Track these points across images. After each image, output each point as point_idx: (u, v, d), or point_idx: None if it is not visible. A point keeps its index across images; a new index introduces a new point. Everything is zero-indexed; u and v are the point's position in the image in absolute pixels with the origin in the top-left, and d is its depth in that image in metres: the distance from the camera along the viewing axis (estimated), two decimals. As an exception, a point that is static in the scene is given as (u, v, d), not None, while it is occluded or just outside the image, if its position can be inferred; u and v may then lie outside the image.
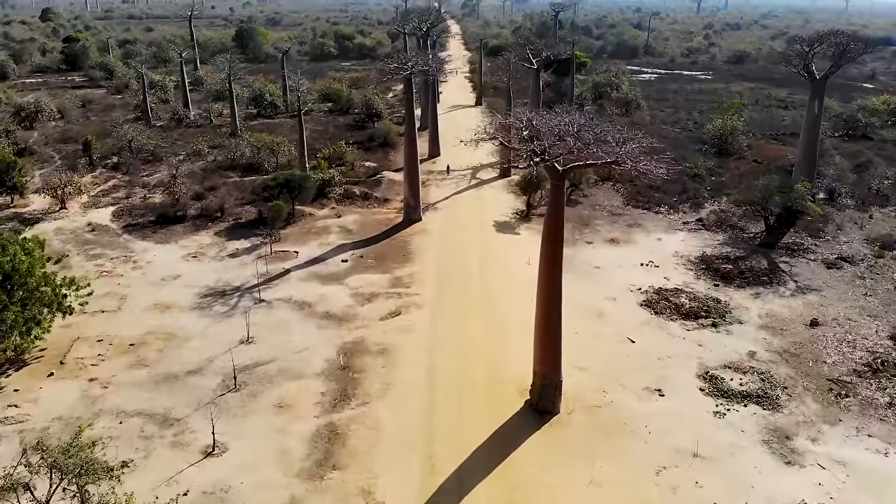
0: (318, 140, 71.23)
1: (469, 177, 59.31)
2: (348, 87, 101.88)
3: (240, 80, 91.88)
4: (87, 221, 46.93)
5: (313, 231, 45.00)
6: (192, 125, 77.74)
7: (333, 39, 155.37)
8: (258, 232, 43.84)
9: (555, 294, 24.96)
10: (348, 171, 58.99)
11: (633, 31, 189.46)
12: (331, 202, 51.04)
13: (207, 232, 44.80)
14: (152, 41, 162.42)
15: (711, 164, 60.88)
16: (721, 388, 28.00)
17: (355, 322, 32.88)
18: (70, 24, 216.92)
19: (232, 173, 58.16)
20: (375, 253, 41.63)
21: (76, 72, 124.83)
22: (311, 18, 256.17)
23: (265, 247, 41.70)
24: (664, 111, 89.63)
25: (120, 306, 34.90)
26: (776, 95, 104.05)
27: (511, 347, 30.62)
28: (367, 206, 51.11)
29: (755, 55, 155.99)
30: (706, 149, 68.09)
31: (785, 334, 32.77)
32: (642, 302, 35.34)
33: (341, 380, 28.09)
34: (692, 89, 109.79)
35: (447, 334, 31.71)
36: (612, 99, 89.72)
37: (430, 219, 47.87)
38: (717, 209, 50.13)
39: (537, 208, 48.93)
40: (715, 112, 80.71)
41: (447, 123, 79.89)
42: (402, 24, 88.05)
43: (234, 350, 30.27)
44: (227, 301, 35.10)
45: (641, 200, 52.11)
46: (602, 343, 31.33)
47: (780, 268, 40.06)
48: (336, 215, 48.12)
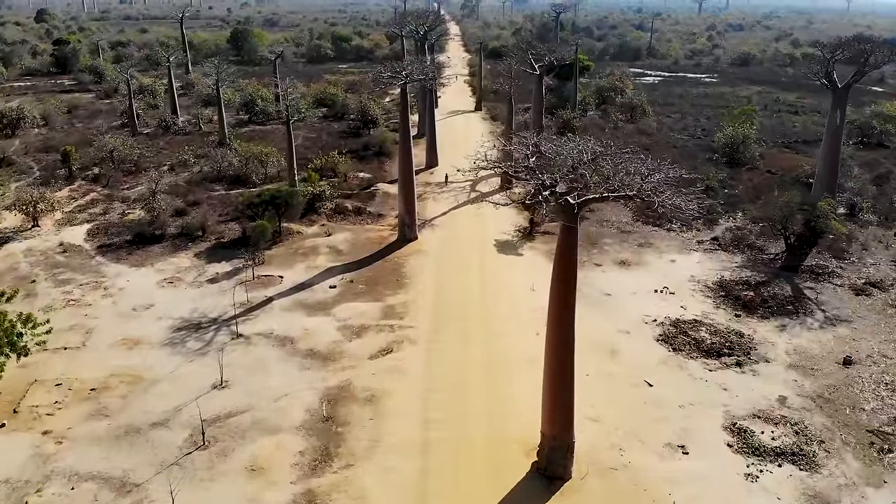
0: (310, 149, 68.15)
1: (468, 189, 56.20)
2: (344, 91, 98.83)
3: (232, 84, 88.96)
4: (59, 241, 43.77)
5: (301, 252, 41.84)
6: (180, 132, 74.60)
7: (330, 41, 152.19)
8: (241, 254, 40.65)
9: (566, 345, 21.83)
10: (341, 184, 55.87)
11: (635, 32, 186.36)
12: (321, 218, 47.90)
13: (187, 253, 41.63)
14: (146, 43, 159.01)
15: (724, 176, 57.70)
16: (751, 443, 24.86)
17: (342, 361, 29.72)
18: (64, 25, 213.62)
19: (218, 185, 55.02)
20: (367, 277, 38.48)
21: (66, 75, 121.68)
22: (309, 19, 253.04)
23: (247, 270, 38.54)
24: (670, 117, 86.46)
25: (85, 342, 31.75)
26: (785, 100, 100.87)
27: (515, 394, 27.48)
28: (360, 222, 47.98)
29: (760, 57, 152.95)
30: (717, 158, 64.97)
31: (817, 375, 29.64)
32: (658, 336, 32.18)
33: (323, 435, 24.93)
34: (698, 93, 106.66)
35: (443, 378, 28.55)
36: (617, 104, 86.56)
37: (427, 237, 44.73)
38: (732, 226, 46.98)
39: (541, 225, 45.81)
40: (724, 119, 77.55)
41: (446, 130, 76.81)
42: (399, 26, 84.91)
43: (206, 396, 27.13)
44: (202, 335, 31.94)
45: (652, 216, 48.93)
46: (616, 387, 28.18)
47: (806, 295, 36.92)
48: (326, 233, 44.96)
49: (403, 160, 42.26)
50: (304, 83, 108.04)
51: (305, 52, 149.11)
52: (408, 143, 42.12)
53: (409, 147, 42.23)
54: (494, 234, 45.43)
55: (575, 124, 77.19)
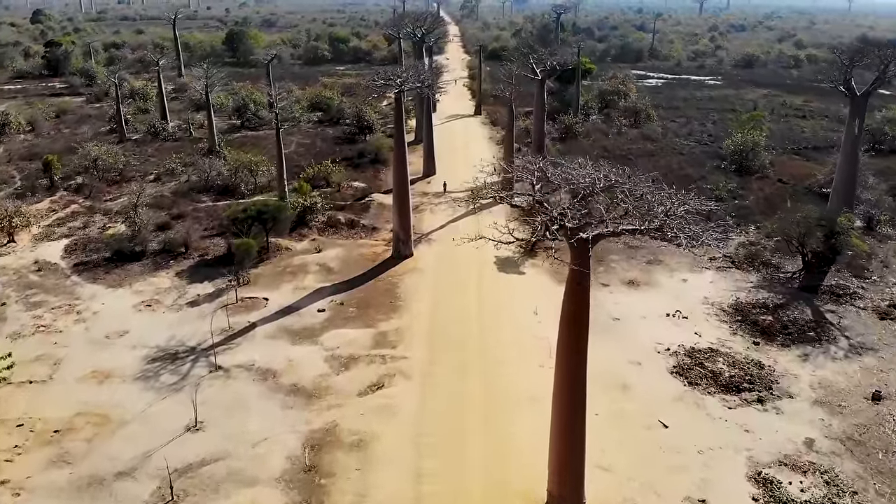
0: (303, 156, 65.75)
1: (467, 198, 53.73)
2: (340, 94, 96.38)
3: (225, 87, 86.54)
4: (34, 259, 41.35)
5: (289, 270, 39.42)
6: (169, 138, 72.16)
7: (328, 42, 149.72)
8: (225, 273, 38.23)
9: (577, 396, 19.49)
10: (334, 194, 53.49)
11: (636, 33, 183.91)
12: (312, 232, 45.49)
13: (167, 272, 39.21)
14: (141, 44, 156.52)
15: (733, 186, 55.27)
16: (779, 496, 22.46)
17: (327, 399, 27.31)
18: (60, 26, 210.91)
19: (205, 196, 52.60)
20: (358, 299, 36.07)
21: (58, 78, 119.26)
22: (308, 19, 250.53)
23: (231, 292, 36.11)
24: (675, 122, 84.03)
25: (52, 374, 29.36)
26: (792, 103, 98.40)
27: (517, 438, 25.08)
28: (353, 235, 45.58)
29: (764, 59, 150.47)
30: (725, 166, 62.58)
31: (845, 413, 27.24)
32: (673, 368, 29.77)
33: (305, 488, 22.51)
34: (702, 96, 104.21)
35: (438, 419, 26.13)
36: (620, 108, 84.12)
37: (423, 253, 42.33)
38: (746, 241, 44.55)
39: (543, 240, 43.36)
40: (732, 124, 75.12)
41: (444, 135, 74.38)
42: (396, 28, 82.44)
43: (178, 440, 24.74)
44: (178, 367, 29.53)
45: (660, 230, 46.53)
46: (628, 429, 25.76)
47: (828, 319, 34.51)
48: (316, 249, 42.52)
49: (398, 174, 39.88)
50: (299, 86, 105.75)
51: (302, 54, 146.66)
52: (403, 155, 39.73)
53: (403, 160, 39.84)
54: (494, 249, 42.97)
55: (577, 129, 74.90)
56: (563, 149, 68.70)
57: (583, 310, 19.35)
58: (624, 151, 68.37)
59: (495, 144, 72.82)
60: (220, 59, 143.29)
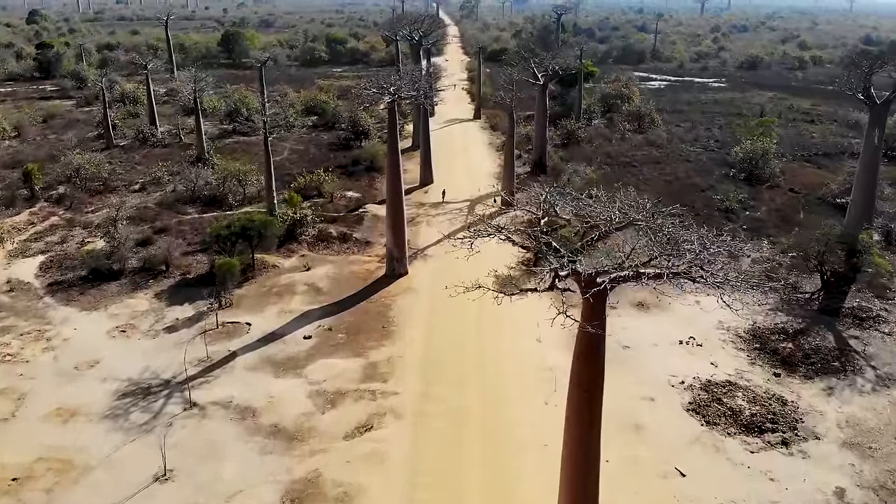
0: (296, 163, 63.42)
1: (466, 210, 51.44)
2: (336, 96, 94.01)
3: (218, 90, 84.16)
4: (6, 278, 38.94)
5: (275, 291, 37.04)
6: (158, 145, 69.78)
7: (325, 44, 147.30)
8: (207, 294, 35.86)
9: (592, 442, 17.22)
10: (326, 205, 51.16)
11: (638, 34, 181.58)
12: (301, 247, 43.14)
13: (146, 293, 36.84)
14: (136, 45, 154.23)
15: (744, 196, 52.87)
16: (812, 561, 20.11)
17: (311, 442, 24.92)
18: (55, 26, 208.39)
19: (191, 208, 50.24)
20: (348, 324, 33.70)
21: (49, 80, 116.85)
22: (306, 20, 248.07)
23: (212, 316, 33.74)
24: (680, 126, 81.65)
25: (15, 411, 27.00)
26: (799, 107, 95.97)
27: (522, 488, 22.68)
28: (346, 251, 43.25)
29: (768, 60, 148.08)
30: (734, 174, 60.24)
31: (876, 457, 24.88)
32: (689, 405, 27.40)
33: (282, 552, 20.16)
34: (707, 100, 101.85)
35: (432, 468, 23.73)
36: (623, 113, 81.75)
37: (418, 271, 39.95)
38: (760, 258, 42.20)
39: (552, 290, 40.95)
40: (739, 129, 72.79)
41: (442, 141, 72.11)
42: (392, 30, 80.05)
43: (145, 492, 22.36)
44: (150, 404, 27.16)
45: (668, 245, 44.22)
46: (643, 478, 23.38)
47: (852, 347, 32.15)
48: (304, 267, 40.12)
49: (392, 189, 37.52)
50: (295, 88, 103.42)
51: (299, 55, 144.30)
52: (396, 169, 37.37)
53: (397, 174, 37.48)
54: (495, 264, 40.53)
55: (580, 135, 72.57)
56: (565, 155, 66.39)
57: (596, 378, 17.17)
58: (628, 158, 66.07)
59: (495, 150, 70.50)
60: (215, 61, 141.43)
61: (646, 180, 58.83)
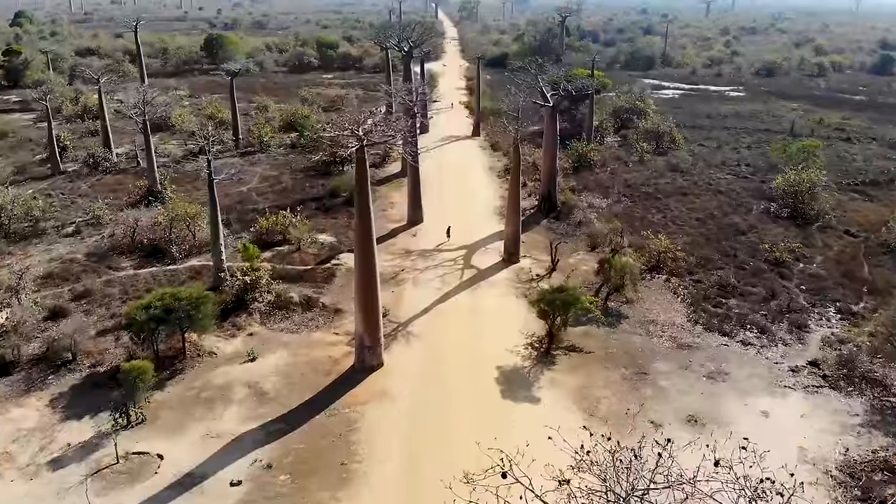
0: (265, 194, 54.66)
1: (462, 260, 42.65)
2: (323, 108, 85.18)
3: (195, 99, 75.22)
4: None
5: (205, 396, 28.13)
6: (111, 170, 60.97)
7: (315, 48, 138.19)
8: (112, 403, 27.00)
9: None
10: (292, 254, 42.41)
11: (645, 38, 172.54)
12: (252, 319, 34.36)
13: (40, 396, 28.05)
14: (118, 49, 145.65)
15: (797, 245, 43.95)
16: None
17: None
18: (38, 29, 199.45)
19: (127, 261, 41.43)
20: (296, 456, 24.75)
21: (17, 89, 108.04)
22: (301, 21, 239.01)
23: (112, 440, 24.87)
24: (703, 146, 72.77)
25: None
26: (829, 121, 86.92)
27: None
28: (308, 323, 34.46)
29: (786, 67, 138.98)
30: (775, 210, 51.44)
31: None
32: None
33: None
34: (727, 112, 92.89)
35: None
36: (640, 130, 72.78)
37: (398, 361, 31.02)
38: (831, 336, 33.37)
39: (562, 337, 32.22)
40: (775, 153, 63.96)
41: (436, 165, 63.40)
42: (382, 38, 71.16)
43: None
44: None
45: (714, 314, 35.43)
46: None
47: None
48: (249, 356, 31.00)
49: (362, 263, 28.66)
50: (278, 98, 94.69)
51: (289, 59, 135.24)
52: (368, 238, 28.47)
53: (369, 245, 28.60)
54: (497, 348, 31.87)
55: (592, 157, 63.75)
56: (576, 183, 57.62)
57: None
58: (650, 188, 57.21)
59: (496, 176, 61.67)
60: (197, 67, 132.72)
61: (674, 219, 50.01)
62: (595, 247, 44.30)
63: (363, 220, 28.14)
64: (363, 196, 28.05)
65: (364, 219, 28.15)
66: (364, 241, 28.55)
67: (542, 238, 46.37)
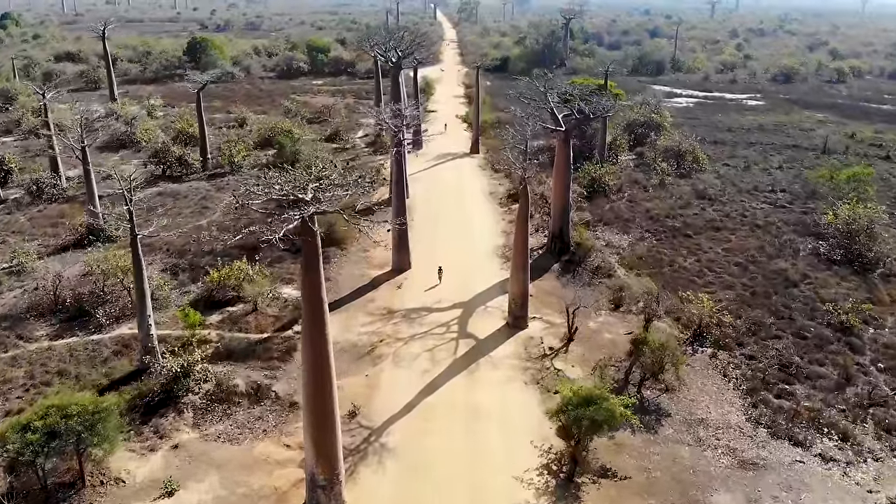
0: (227, 230, 46.50)
1: (456, 325, 34.72)
2: (308, 120, 77.27)
3: (170, 110, 67.06)
4: None
5: (98, 556, 20.36)
6: (58, 198, 53.06)
7: (305, 52, 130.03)
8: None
9: None
10: (246, 317, 34.49)
11: (654, 41, 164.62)
12: (182, 420, 26.50)
13: None
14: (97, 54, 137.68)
15: (864, 304, 35.99)
16: None
17: None
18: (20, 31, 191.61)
19: (44, 326, 33.54)
20: None
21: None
22: (295, 22, 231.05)
23: None
24: (729, 166, 64.84)
25: None
26: (863, 136, 78.96)
27: None
28: (253, 425, 26.62)
29: (804, 72, 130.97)
30: (825, 251, 43.57)
31: None
32: None
33: None
34: (749, 124, 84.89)
35: None
36: (658, 148, 64.83)
37: (366, 499, 23.08)
38: (937, 448, 25.54)
39: (589, 461, 24.29)
40: (819, 180, 55.92)
41: (429, 190, 55.63)
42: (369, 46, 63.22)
43: None
44: None
45: (779, 409, 27.57)
46: None
47: None
48: (166, 489, 22.97)
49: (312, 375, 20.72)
50: (261, 109, 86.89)
51: (278, 63, 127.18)
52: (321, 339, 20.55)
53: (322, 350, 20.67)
54: (502, 474, 23.96)
55: (607, 182, 55.78)
56: (591, 215, 49.76)
57: None
58: (677, 222, 49.19)
59: (498, 204, 53.78)
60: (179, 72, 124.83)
61: (710, 264, 42.05)
62: (619, 304, 36.42)
63: (314, 319, 20.12)
64: (314, 289, 20.05)
65: (315, 314, 20.15)
66: (315, 354, 20.52)
67: (552, 288, 38.57)
